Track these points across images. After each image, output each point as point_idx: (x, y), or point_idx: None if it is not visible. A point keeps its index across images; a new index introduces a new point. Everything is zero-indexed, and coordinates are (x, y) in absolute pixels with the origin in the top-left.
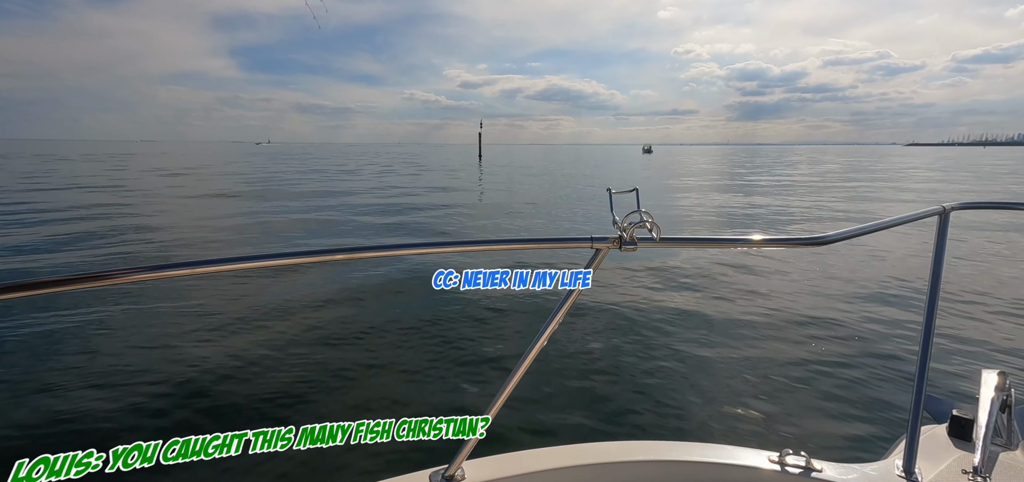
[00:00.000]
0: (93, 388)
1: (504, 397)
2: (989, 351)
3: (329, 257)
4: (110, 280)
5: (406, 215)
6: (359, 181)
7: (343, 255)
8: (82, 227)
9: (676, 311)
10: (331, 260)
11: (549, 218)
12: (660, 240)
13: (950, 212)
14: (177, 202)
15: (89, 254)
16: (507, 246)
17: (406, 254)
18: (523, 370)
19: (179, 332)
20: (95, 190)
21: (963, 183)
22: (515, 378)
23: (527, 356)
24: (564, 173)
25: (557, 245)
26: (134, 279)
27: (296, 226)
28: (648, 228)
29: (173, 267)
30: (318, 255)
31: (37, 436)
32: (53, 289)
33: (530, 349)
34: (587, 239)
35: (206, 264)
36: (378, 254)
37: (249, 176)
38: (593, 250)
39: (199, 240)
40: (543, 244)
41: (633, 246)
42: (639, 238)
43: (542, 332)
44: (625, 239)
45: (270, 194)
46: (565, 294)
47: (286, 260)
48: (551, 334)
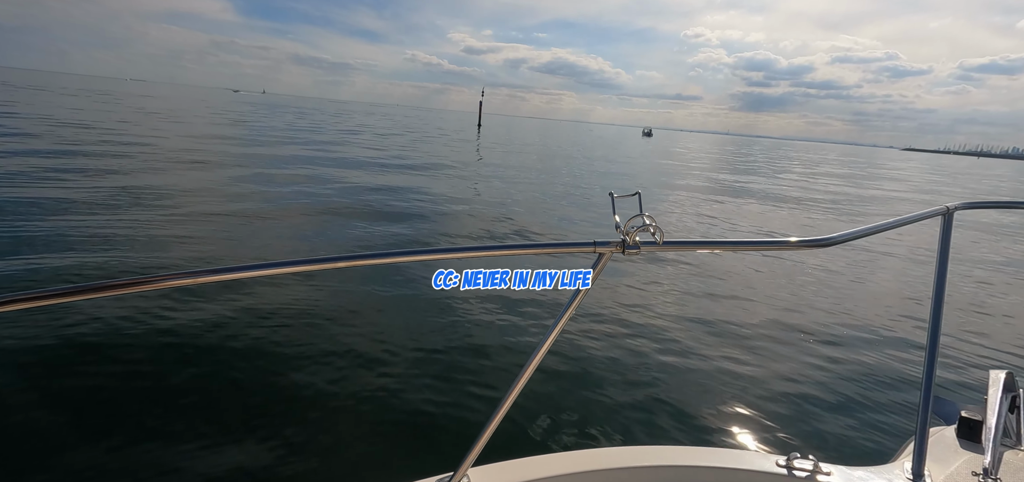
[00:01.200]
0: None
1: (509, 403)
2: (997, 351)
3: (327, 265)
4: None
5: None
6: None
7: (343, 264)
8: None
9: (680, 314)
10: (329, 268)
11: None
12: (663, 243)
13: (954, 212)
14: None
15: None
16: (508, 252)
17: (405, 261)
18: (527, 375)
19: (171, 335)
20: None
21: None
22: (519, 383)
23: (531, 361)
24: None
25: (560, 250)
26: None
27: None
28: (651, 231)
29: (165, 278)
30: (316, 264)
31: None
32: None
33: (534, 354)
34: (590, 244)
35: (199, 274)
36: (376, 262)
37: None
38: (596, 254)
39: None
40: (545, 249)
41: (636, 250)
42: (642, 242)
43: (546, 337)
44: (628, 243)
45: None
46: (569, 298)
47: (282, 269)
48: (555, 339)
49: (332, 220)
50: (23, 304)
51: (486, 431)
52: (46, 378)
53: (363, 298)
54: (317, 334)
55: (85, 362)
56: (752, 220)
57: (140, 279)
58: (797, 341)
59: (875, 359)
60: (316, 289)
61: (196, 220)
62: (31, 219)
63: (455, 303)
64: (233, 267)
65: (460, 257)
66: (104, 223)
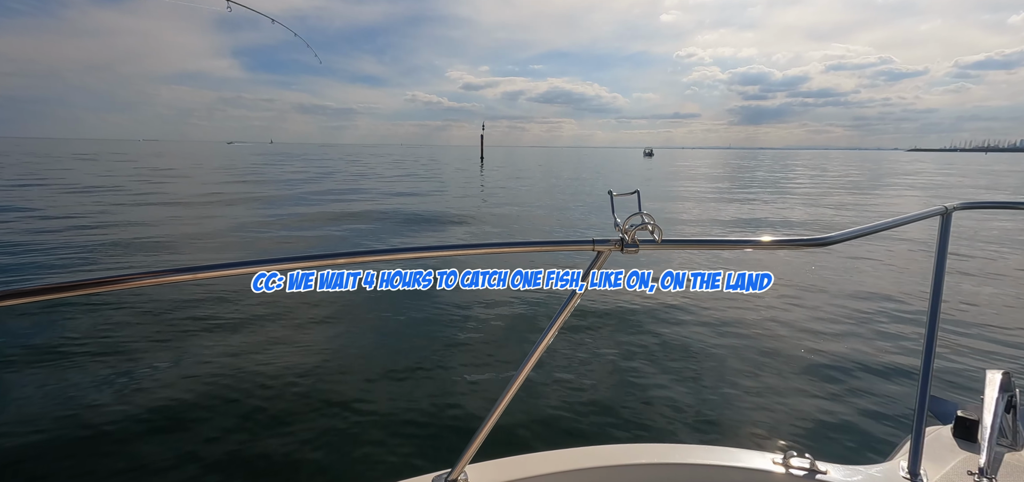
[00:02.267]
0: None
1: (507, 400)
2: (993, 351)
3: (327, 262)
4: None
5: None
6: (335, 181)
7: (343, 259)
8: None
9: (678, 313)
10: (330, 265)
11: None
12: (662, 242)
13: (952, 212)
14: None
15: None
16: (508, 249)
17: (406, 257)
18: (526, 372)
19: (165, 339)
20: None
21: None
22: (518, 381)
23: (530, 358)
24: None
25: (559, 248)
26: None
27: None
28: (650, 230)
29: (171, 273)
30: (315, 261)
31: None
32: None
33: (533, 351)
34: (589, 242)
35: (197, 270)
36: (377, 258)
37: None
38: (595, 253)
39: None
40: (544, 247)
41: (635, 248)
42: (640, 240)
43: (545, 335)
44: (627, 241)
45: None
46: (567, 296)
47: (283, 265)
48: (554, 336)
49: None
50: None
51: (484, 428)
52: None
53: (362, 297)
54: (315, 333)
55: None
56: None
57: (112, 278)
58: (795, 339)
59: (872, 358)
60: (314, 289)
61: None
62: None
63: (455, 300)
64: (228, 264)
65: (460, 254)
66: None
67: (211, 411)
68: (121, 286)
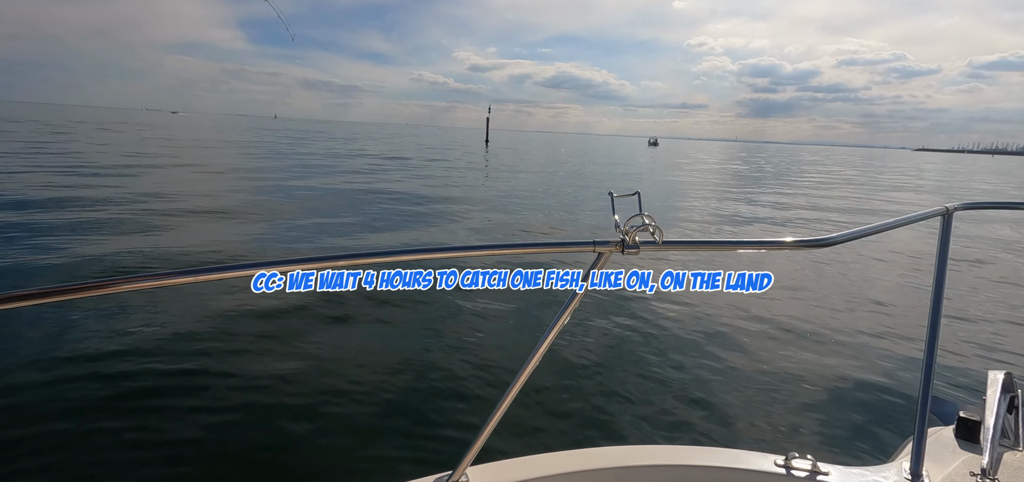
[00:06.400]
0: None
1: (508, 402)
2: (995, 351)
3: (327, 263)
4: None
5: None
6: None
7: (343, 260)
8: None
9: (679, 314)
10: (330, 265)
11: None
12: (662, 243)
13: (953, 213)
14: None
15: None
16: (508, 250)
17: (406, 258)
18: (527, 374)
19: (165, 339)
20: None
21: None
22: (519, 383)
23: (531, 360)
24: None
25: (559, 249)
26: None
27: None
28: (650, 231)
29: (171, 275)
30: (314, 263)
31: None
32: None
33: (534, 353)
34: (589, 243)
35: (197, 273)
36: (377, 259)
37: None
38: (595, 254)
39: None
40: (545, 248)
41: (636, 249)
42: (641, 241)
43: (545, 336)
44: (627, 242)
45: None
46: (568, 298)
47: (283, 266)
48: (555, 338)
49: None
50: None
51: (485, 430)
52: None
53: (362, 297)
54: (315, 334)
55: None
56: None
57: (112, 281)
58: (796, 341)
59: (874, 359)
60: (314, 289)
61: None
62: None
63: (455, 301)
64: (228, 265)
65: (461, 255)
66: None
67: (211, 412)
68: (121, 288)
